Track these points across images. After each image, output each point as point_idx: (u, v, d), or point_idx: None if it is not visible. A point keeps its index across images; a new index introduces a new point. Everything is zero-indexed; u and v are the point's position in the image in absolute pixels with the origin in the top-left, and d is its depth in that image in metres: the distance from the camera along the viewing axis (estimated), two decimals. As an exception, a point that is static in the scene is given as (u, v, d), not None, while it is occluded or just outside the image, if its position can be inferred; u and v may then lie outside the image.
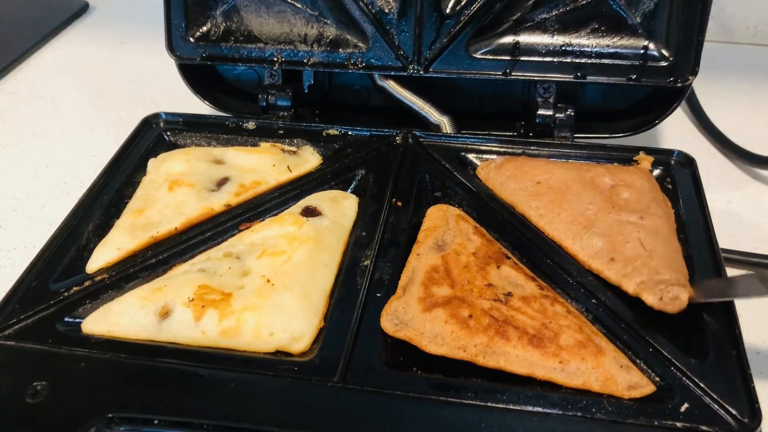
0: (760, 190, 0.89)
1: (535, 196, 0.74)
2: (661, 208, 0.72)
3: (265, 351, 0.62)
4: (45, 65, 1.18)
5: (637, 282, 0.64)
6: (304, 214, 0.74)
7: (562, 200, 0.73)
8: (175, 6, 0.91)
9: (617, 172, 0.76)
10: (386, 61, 0.90)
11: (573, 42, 0.87)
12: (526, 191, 0.75)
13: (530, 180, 0.76)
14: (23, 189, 0.91)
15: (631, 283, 0.64)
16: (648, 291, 0.62)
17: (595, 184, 0.75)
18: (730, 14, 1.17)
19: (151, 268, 0.71)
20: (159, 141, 0.88)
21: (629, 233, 0.68)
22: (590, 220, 0.70)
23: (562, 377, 0.57)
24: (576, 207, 0.72)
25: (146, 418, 0.56)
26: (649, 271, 0.64)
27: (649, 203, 0.72)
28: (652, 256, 0.65)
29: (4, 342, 0.62)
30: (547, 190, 0.75)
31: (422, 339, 0.60)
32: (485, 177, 0.80)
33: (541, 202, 0.74)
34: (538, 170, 0.77)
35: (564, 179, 0.75)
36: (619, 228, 0.69)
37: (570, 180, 0.75)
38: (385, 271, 0.68)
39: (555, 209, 0.73)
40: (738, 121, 0.99)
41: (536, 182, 0.75)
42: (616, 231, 0.69)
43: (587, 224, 0.70)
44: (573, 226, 0.71)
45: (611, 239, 0.68)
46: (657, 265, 0.64)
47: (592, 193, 0.73)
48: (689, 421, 0.54)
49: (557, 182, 0.75)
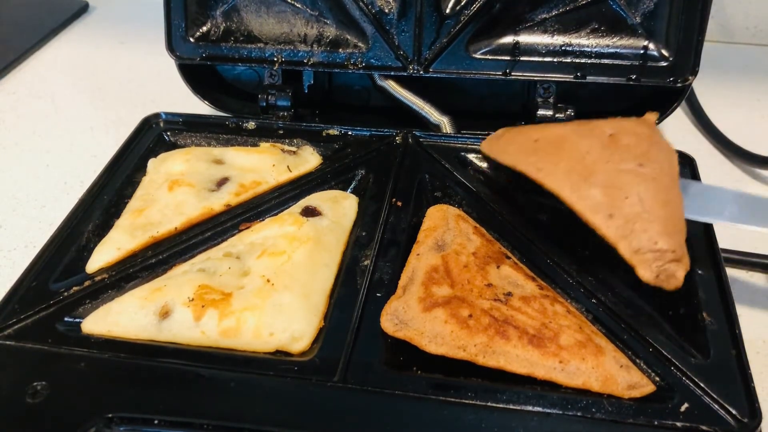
0: (760, 190, 0.89)
1: (533, 152, 0.74)
2: (662, 152, 0.70)
3: (265, 351, 0.62)
4: (45, 65, 1.18)
5: (635, 249, 0.63)
6: (304, 214, 0.74)
7: (560, 151, 0.72)
8: (175, 6, 0.91)
9: (617, 123, 0.74)
10: (386, 61, 0.90)
11: (573, 42, 0.87)
12: (524, 150, 0.75)
13: (528, 139, 0.76)
14: (23, 189, 0.91)
15: (628, 248, 0.63)
16: (644, 266, 0.62)
17: (593, 134, 0.73)
18: (730, 14, 1.17)
19: (151, 268, 0.71)
20: (159, 141, 0.88)
21: (628, 186, 0.66)
22: (588, 168, 0.69)
23: (562, 377, 0.57)
24: (573, 155, 0.70)
25: (146, 418, 0.56)
26: (647, 238, 0.63)
27: (649, 148, 0.70)
28: (651, 218, 0.64)
29: (4, 342, 0.62)
30: (545, 145, 0.73)
31: (422, 339, 0.60)
32: (488, 149, 0.80)
33: (539, 156, 0.73)
34: (535, 130, 0.77)
35: (561, 133, 0.74)
36: (617, 178, 0.67)
37: (567, 132, 0.74)
38: (385, 271, 0.68)
39: (553, 160, 0.71)
40: (738, 121, 0.99)
41: (534, 140, 0.75)
42: (614, 182, 0.67)
43: (585, 173, 0.68)
44: (571, 175, 0.69)
45: (610, 191, 0.66)
46: (656, 231, 0.63)
47: (590, 141, 0.71)
48: (689, 421, 0.54)
49: (554, 136, 0.74)
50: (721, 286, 0.65)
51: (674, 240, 0.63)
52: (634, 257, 0.63)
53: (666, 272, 0.61)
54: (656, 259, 0.62)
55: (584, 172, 0.69)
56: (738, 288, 0.64)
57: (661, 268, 0.61)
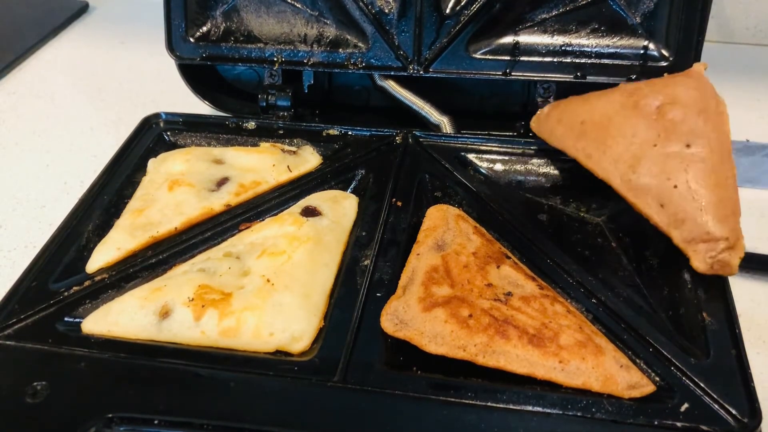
0: (761, 189, 0.89)
1: (581, 135, 0.73)
2: (710, 122, 0.68)
3: (265, 351, 0.62)
4: (45, 65, 1.18)
5: (687, 239, 0.63)
6: (304, 214, 0.74)
7: (606, 136, 0.71)
8: (175, 6, 0.91)
9: (663, 87, 0.73)
10: (386, 61, 0.90)
11: (573, 42, 0.87)
12: (572, 133, 0.75)
13: (575, 120, 0.75)
14: (23, 189, 0.91)
15: (680, 238, 0.64)
16: (697, 257, 0.62)
17: (639, 108, 0.71)
18: (730, 14, 1.17)
19: (151, 268, 0.71)
20: (159, 141, 0.88)
21: (676, 173, 0.65)
22: (635, 156, 0.68)
23: (562, 377, 0.57)
24: (620, 142, 0.70)
25: (146, 418, 0.56)
26: (699, 227, 0.63)
27: (697, 119, 0.68)
28: (701, 206, 0.63)
29: (4, 342, 0.62)
30: (591, 128, 0.73)
31: (422, 339, 0.60)
32: (537, 129, 0.80)
33: (587, 141, 0.72)
34: (581, 108, 0.76)
35: (606, 112, 0.73)
36: (665, 164, 0.66)
37: (613, 110, 0.73)
38: (385, 271, 0.68)
39: (600, 147, 0.71)
40: (738, 121, 0.99)
41: (580, 122, 0.74)
42: (662, 169, 0.66)
43: (632, 161, 0.68)
44: (619, 165, 0.69)
45: (658, 181, 0.66)
46: (707, 219, 0.63)
47: (635, 121, 0.70)
48: (689, 421, 0.54)
49: (600, 117, 0.73)
50: (721, 286, 0.65)
51: (727, 226, 0.63)
52: (687, 247, 0.63)
53: (720, 262, 0.61)
54: (709, 250, 0.62)
55: (631, 160, 0.68)
56: (738, 288, 0.64)
57: (715, 259, 0.61)
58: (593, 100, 0.76)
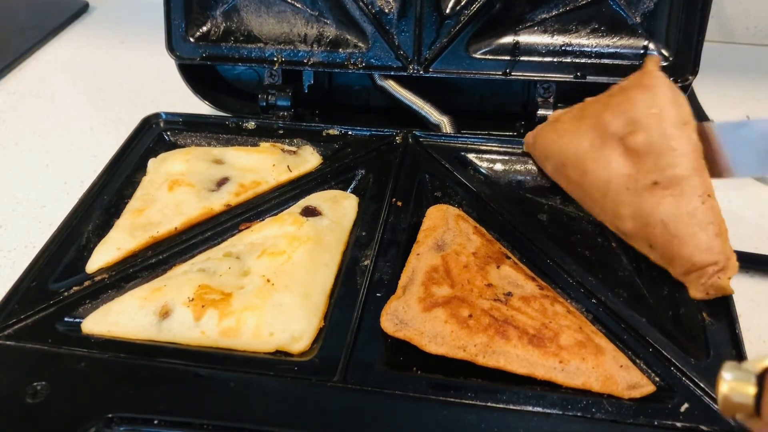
0: (760, 190, 0.89)
1: (569, 181, 0.76)
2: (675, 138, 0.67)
3: (265, 351, 0.62)
4: (45, 65, 1.18)
5: (681, 273, 0.65)
6: (304, 214, 0.74)
7: (586, 184, 0.73)
8: (175, 6, 0.91)
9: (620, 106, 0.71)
10: (386, 61, 0.90)
11: (573, 42, 0.87)
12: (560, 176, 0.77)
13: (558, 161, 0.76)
14: (23, 189, 0.91)
15: (676, 274, 0.66)
16: (693, 287, 0.64)
17: (605, 145, 0.71)
18: (730, 14, 1.17)
19: (151, 268, 0.71)
20: (159, 141, 0.88)
21: (652, 213, 0.66)
22: (615, 203, 0.69)
23: (562, 377, 0.57)
24: (599, 188, 0.71)
25: (146, 418, 0.56)
26: (686, 260, 0.64)
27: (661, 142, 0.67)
28: (681, 242, 0.64)
29: (4, 342, 0.62)
30: (572, 171, 0.74)
31: (422, 339, 0.60)
32: (531, 150, 0.82)
33: (574, 186, 0.75)
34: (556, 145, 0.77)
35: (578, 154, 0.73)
36: (641, 206, 0.67)
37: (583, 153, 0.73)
38: (385, 271, 0.68)
39: (586, 194, 0.73)
40: (738, 121, 0.99)
41: (562, 164, 0.76)
42: (640, 212, 0.67)
43: (615, 209, 0.69)
44: (607, 214, 0.71)
45: (640, 224, 0.67)
46: (690, 251, 0.64)
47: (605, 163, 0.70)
48: (689, 421, 0.54)
49: (575, 160, 0.74)
50: (721, 286, 0.65)
51: (712, 251, 0.64)
52: (684, 279, 0.65)
53: (714, 287, 0.63)
54: (700, 277, 0.63)
55: (613, 208, 0.70)
56: (738, 288, 0.64)
57: (708, 285, 0.63)
58: (566, 137, 0.75)
